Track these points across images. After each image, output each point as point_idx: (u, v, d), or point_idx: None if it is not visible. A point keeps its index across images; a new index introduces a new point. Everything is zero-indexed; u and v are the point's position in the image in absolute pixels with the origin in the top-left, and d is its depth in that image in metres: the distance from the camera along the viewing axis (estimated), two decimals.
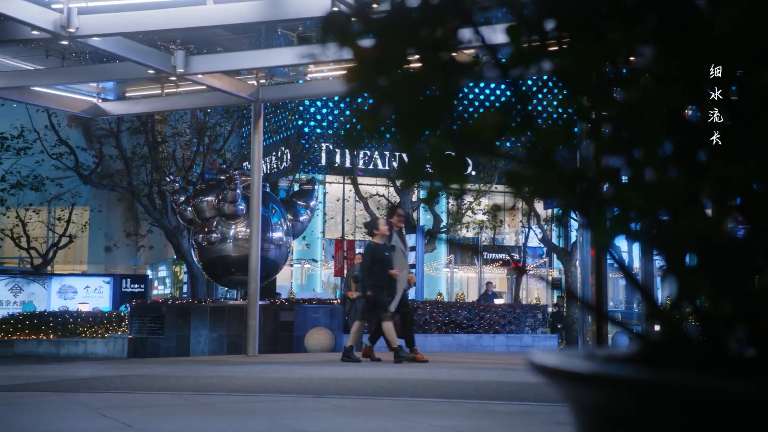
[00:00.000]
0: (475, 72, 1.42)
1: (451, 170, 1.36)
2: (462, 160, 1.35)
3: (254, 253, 13.17)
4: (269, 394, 6.44)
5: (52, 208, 37.24)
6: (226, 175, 15.31)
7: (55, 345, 19.11)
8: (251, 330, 12.86)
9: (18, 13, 9.18)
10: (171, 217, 25.53)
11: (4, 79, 12.37)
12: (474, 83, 1.47)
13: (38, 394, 6.51)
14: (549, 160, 1.33)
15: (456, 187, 1.46)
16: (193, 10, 9.62)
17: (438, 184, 1.65)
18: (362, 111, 1.42)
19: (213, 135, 27.67)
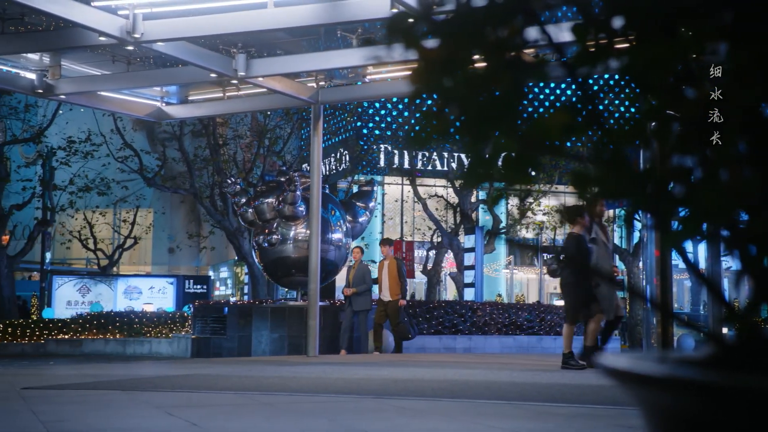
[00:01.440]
0: (541, 71, 1.40)
1: (517, 171, 1.35)
2: (528, 161, 1.34)
3: (314, 254, 13.26)
4: (330, 394, 6.48)
5: (117, 210, 38.10)
6: (286, 176, 15.43)
7: (121, 344, 19.52)
8: (311, 330, 12.95)
9: (86, 20, 9.42)
10: (232, 219, 25.87)
11: (73, 84, 12.70)
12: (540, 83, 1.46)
13: (107, 393, 6.66)
14: (618, 159, 1.31)
15: (521, 187, 1.44)
16: (255, 14, 9.74)
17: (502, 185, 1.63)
18: (428, 112, 1.42)
19: (273, 137, 27.96)
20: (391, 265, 14.06)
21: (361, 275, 14.12)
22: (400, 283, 13.96)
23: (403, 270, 14.20)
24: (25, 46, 10.96)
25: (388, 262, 14.12)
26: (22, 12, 9.94)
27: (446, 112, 1.48)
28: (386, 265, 14.14)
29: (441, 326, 16.28)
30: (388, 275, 13.95)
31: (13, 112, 30.28)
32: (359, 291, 14.00)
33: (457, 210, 29.06)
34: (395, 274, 13.93)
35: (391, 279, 13.92)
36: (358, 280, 14.02)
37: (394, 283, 13.93)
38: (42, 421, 4.89)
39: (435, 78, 1.48)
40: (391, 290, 13.95)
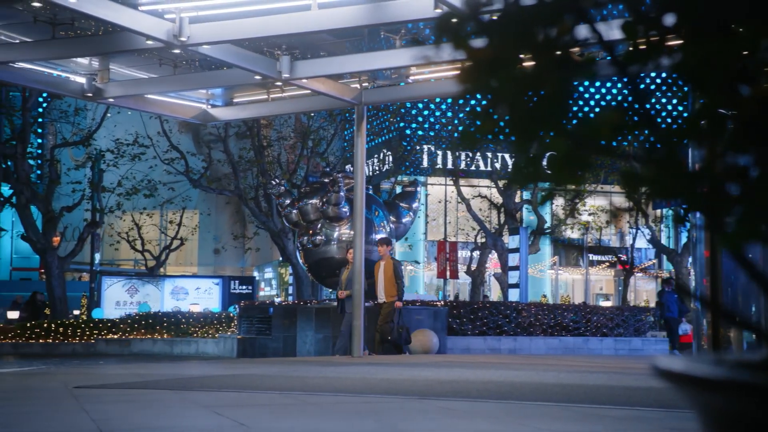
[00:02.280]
0: (590, 70, 1.39)
1: (567, 171, 1.34)
2: (578, 161, 1.33)
3: (358, 254, 13.29)
4: (375, 394, 6.49)
5: (164, 211, 38.60)
6: (330, 177, 15.49)
7: (168, 344, 19.78)
8: (356, 331, 12.98)
9: (134, 24, 9.57)
10: (276, 220, 26.05)
11: (121, 87, 12.90)
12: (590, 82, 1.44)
13: (156, 392, 6.75)
14: (670, 159, 1.29)
15: (571, 188, 1.43)
16: (299, 16, 9.80)
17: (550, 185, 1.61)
18: (476, 112, 1.41)
19: (316, 138, 28.10)
20: (387, 265, 13.55)
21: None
22: (396, 284, 13.42)
23: (400, 270, 13.67)
24: (75, 50, 11.17)
25: (384, 263, 13.59)
26: (72, 17, 10.13)
27: (494, 112, 1.47)
28: (382, 266, 13.61)
29: (485, 327, 16.21)
30: (384, 276, 13.46)
31: (64, 116, 30.86)
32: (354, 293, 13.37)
33: (501, 210, 28.91)
34: (391, 274, 13.42)
35: (387, 280, 13.43)
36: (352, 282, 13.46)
37: (390, 284, 13.42)
38: (93, 419, 4.98)
39: (483, 78, 1.47)
40: (385, 291, 13.46)
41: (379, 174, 39.57)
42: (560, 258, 42.80)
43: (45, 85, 13.32)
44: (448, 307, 16.10)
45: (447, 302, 17.28)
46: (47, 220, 26.19)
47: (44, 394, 6.62)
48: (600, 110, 1.37)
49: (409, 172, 37.60)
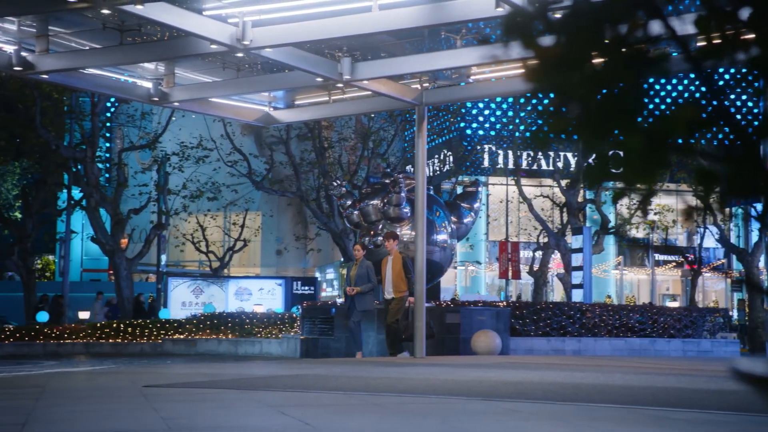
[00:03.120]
0: (664, 66, 1.36)
1: (643, 170, 1.32)
2: (655, 159, 1.30)
3: (419, 255, 13.28)
4: (439, 395, 6.47)
5: (227, 213, 39.15)
6: (391, 178, 15.51)
7: (233, 344, 20.06)
8: (418, 332, 12.97)
9: (199, 29, 9.74)
10: (338, 221, 26.20)
11: (186, 92, 13.13)
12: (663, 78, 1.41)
13: (222, 391, 6.85)
14: (750, 156, 1.25)
15: (644, 187, 1.40)
16: (360, 18, 9.84)
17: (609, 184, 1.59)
18: (548, 111, 1.40)
19: (377, 139, 28.18)
20: (395, 260, 13.06)
21: (364, 273, 13.11)
22: (406, 279, 12.95)
23: (410, 265, 13.13)
24: (142, 56, 11.41)
25: (392, 258, 13.11)
26: (139, 23, 10.36)
27: (564, 110, 1.46)
28: (389, 261, 13.13)
29: (549, 328, 16.04)
30: (392, 271, 12.99)
31: (131, 120, 31.58)
32: (364, 290, 13.00)
33: (564, 210, 28.58)
34: (400, 269, 12.94)
35: (395, 275, 12.95)
36: (361, 278, 13.05)
37: (399, 279, 12.94)
38: (163, 418, 5.07)
39: (552, 76, 1.46)
40: (394, 287, 12.99)
41: (440, 174, 39.48)
42: (625, 258, 42.12)
43: (113, 90, 13.63)
44: (510, 308, 15.97)
45: (509, 303, 17.15)
46: (115, 222, 26.80)
47: (115, 393, 6.78)
48: (673, 107, 1.34)
49: (469, 172, 37.45)
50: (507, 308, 15.83)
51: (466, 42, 11.70)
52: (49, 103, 26.72)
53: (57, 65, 11.16)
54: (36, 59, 10.93)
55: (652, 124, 1.37)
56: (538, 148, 2.93)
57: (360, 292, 12.97)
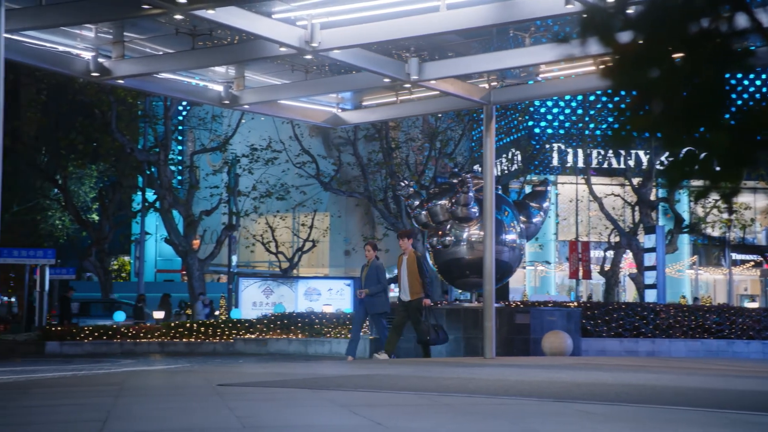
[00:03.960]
0: (749, 61, 1.32)
1: (730, 168, 1.28)
2: (743, 157, 1.26)
3: (488, 255, 13.19)
4: (510, 396, 6.42)
5: (296, 214, 39.58)
6: (459, 178, 15.45)
7: (303, 344, 20.24)
8: (488, 332, 12.88)
9: (268, 32, 9.86)
10: (405, 221, 26.21)
11: (255, 94, 13.31)
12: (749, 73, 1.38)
13: (294, 391, 6.93)
14: None
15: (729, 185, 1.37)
16: (427, 18, 9.83)
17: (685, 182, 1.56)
18: (631, 109, 1.37)
19: (444, 139, 28.11)
20: (410, 260, 12.49)
21: (374, 274, 12.62)
22: (421, 280, 12.42)
23: (425, 265, 12.70)
24: (214, 59, 11.61)
25: (407, 257, 12.54)
26: (210, 28, 10.54)
27: (648, 108, 1.43)
28: (404, 261, 12.56)
29: (621, 329, 15.76)
30: (407, 272, 12.43)
31: (202, 123, 32.18)
32: (372, 292, 12.53)
33: (636, 208, 28.06)
34: (415, 269, 12.41)
35: (411, 276, 12.41)
36: (372, 280, 12.56)
37: (414, 280, 12.40)
38: (238, 417, 5.16)
39: (632, 73, 1.43)
40: (411, 289, 12.45)
41: (508, 174, 39.19)
42: (700, 257, 41.13)
43: (185, 93, 13.89)
44: (581, 308, 15.75)
45: (580, 303, 16.91)
46: (188, 223, 27.34)
47: (190, 391, 6.91)
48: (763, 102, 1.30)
49: (538, 171, 37.07)
50: (578, 308, 15.62)
51: (534, 40, 11.58)
52: (124, 108, 27.42)
53: (132, 70, 11.44)
54: (112, 65, 11.22)
55: (738, 120, 1.33)
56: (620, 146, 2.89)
57: (369, 294, 12.50)
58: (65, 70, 11.69)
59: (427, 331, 12.35)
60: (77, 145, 29.88)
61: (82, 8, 9.43)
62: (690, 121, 1.33)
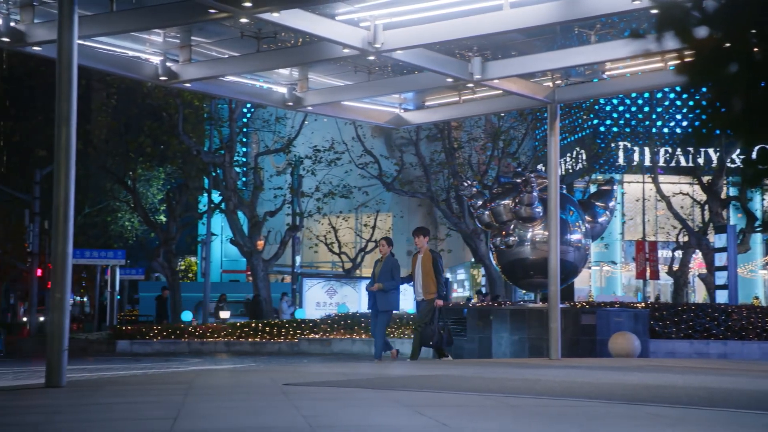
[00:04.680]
0: None
1: None
2: None
3: (553, 255, 13.04)
4: (578, 398, 6.33)
5: (359, 215, 39.75)
6: (522, 178, 15.32)
7: (367, 344, 20.33)
8: (553, 333, 12.74)
9: (332, 34, 9.93)
10: (468, 221, 26.10)
11: (319, 96, 13.40)
12: None
13: (359, 390, 6.96)
14: None
15: None
16: (491, 17, 9.76)
17: None
18: (712, 106, 1.34)
19: (507, 139, 27.90)
20: (425, 258, 12.15)
21: (388, 270, 12.20)
22: (435, 279, 12.01)
23: (440, 264, 12.24)
24: (278, 62, 11.73)
25: (422, 256, 12.20)
26: (275, 30, 10.66)
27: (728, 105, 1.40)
28: (419, 259, 12.21)
29: (691, 330, 15.43)
30: (422, 271, 12.07)
31: (266, 125, 32.57)
32: (386, 288, 12.06)
33: (705, 207, 27.43)
34: (430, 268, 12.03)
35: (426, 275, 12.05)
36: (385, 275, 12.14)
37: (429, 279, 12.02)
38: (304, 416, 5.20)
39: (710, 69, 1.40)
40: (424, 288, 12.07)
41: (573, 173, 38.68)
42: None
43: (250, 96, 14.07)
44: (649, 309, 15.46)
45: (648, 304, 16.60)
46: (252, 224, 27.68)
47: (257, 390, 7.00)
48: None
49: (603, 170, 36.50)
50: (645, 309, 15.34)
51: (599, 37, 11.40)
52: (190, 111, 27.91)
53: (199, 74, 11.63)
54: (180, 69, 11.43)
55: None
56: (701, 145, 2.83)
57: (382, 289, 12.06)
58: (135, 75, 11.95)
59: (431, 336, 11.88)
60: (145, 147, 30.52)
61: (151, 14, 9.64)
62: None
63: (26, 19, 9.71)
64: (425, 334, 11.95)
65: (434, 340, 11.96)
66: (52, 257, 7.49)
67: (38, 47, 10.00)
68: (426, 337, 11.96)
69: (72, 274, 7.66)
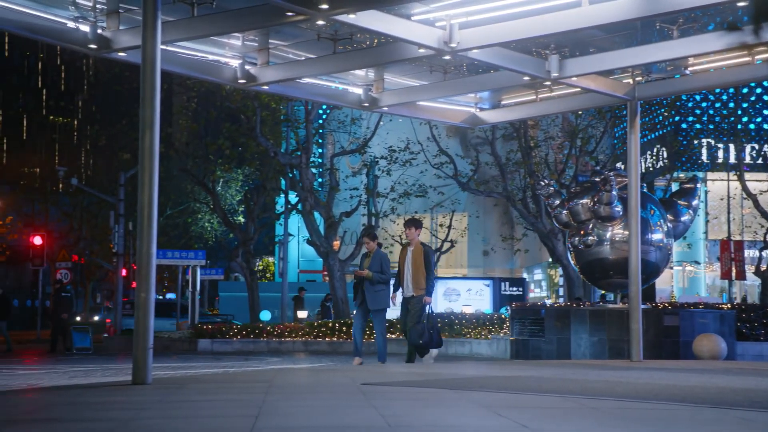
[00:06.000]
0: None
1: None
2: None
3: (634, 255, 12.80)
4: (661, 401, 6.19)
5: (434, 215, 39.66)
6: (601, 176, 15.07)
7: (443, 345, 20.28)
8: (634, 334, 12.50)
9: (408, 34, 9.95)
10: (545, 221, 25.79)
11: (394, 96, 13.44)
12: None
13: (437, 391, 6.94)
14: None
15: None
16: (568, 14, 9.62)
17: None
18: None
19: (585, 137, 27.46)
20: (416, 252, 11.32)
21: (377, 264, 11.44)
22: (426, 274, 11.20)
23: (432, 258, 11.47)
24: (354, 63, 11.81)
25: (413, 249, 11.36)
26: (351, 32, 10.73)
27: None
28: (410, 253, 11.37)
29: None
30: (412, 265, 11.25)
31: (341, 126, 32.80)
32: (375, 280, 11.32)
33: None
34: (421, 263, 11.22)
35: (416, 270, 11.23)
36: (374, 269, 11.40)
37: (420, 274, 11.21)
38: (383, 415, 5.21)
39: None
40: (415, 284, 11.23)
41: (653, 171, 37.83)
42: None
43: (326, 97, 14.21)
44: (735, 310, 15.00)
45: (734, 305, 16.12)
46: (328, 225, 27.90)
47: (336, 390, 7.05)
48: None
49: (685, 168, 35.59)
50: (731, 311, 14.90)
51: (681, 32, 11.12)
52: (267, 113, 28.30)
53: (276, 76, 11.80)
54: (258, 71, 11.62)
55: None
56: None
57: (370, 278, 11.31)
58: (215, 78, 12.19)
59: (421, 333, 11.10)
60: (224, 150, 31.09)
61: (231, 18, 9.82)
62: None
63: (112, 26, 10.00)
64: (414, 332, 11.16)
65: (424, 339, 11.17)
66: (137, 258, 7.69)
67: (123, 53, 10.29)
68: (415, 335, 11.16)
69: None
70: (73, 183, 35.78)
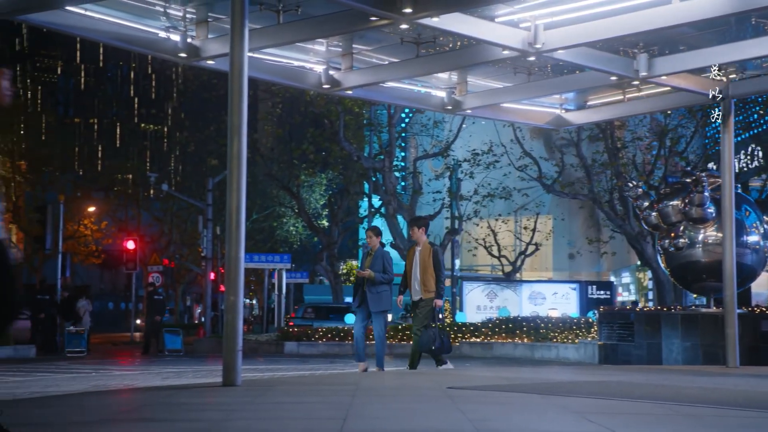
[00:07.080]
0: None
1: None
2: None
3: (728, 258, 12.40)
4: (762, 410, 5.97)
5: (518, 217, 39.29)
6: (692, 177, 14.68)
7: (529, 348, 20.03)
8: (730, 340, 12.11)
9: (491, 36, 9.87)
10: (633, 223, 25.25)
11: (477, 98, 13.35)
12: None
13: (524, 395, 6.85)
14: None
15: None
16: (658, 11, 9.38)
17: None
18: None
19: (675, 137, 26.77)
20: (423, 252, 10.63)
21: (379, 263, 10.74)
22: (435, 276, 10.54)
23: (441, 259, 10.78)
24: (437, 66, 11.78)
25: (421, 249, 10.67)
26: (434, 35, 10.71)
27: None
28: (417, 253, 10.69)
29: None
30: (420, 266, 10.59)
31: (424, 129, 32.83)
32: (377, 280, 10.60)
33: None
34: (430, 264, 10.56)
35: (424, 271, 10.56)
36: (377, 269, 10.71)
37: (428, 276, 10.55)
38: (470, 420, 5.18)
39: None
40: (423, 286, 10.56)
41: (747, 171, 36.59)
42: None
43: (409, 101, 14.21)
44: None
45: None
46: None
47: (422, 393, 7.05)
48: None
49: None
50: None
51: None
52: (350, 117, 28.54)
53: (360, 81, 11.87)
54: (342, 76, 11.72)
55: None
56: None
57: (371, 277, 10.61)
58: (300, 84, 12.34)
59: (433, 339, 10.36)
60: (308, 154, 31.49)
61: (316, 24, 9.93)
62: None
63: (201, 35, 10.24)
64: (425, 337, 10.42)
65: (436, 345, 10.43)
66: (226, 261, 7.83)
67: (212, 61, 10.52)
68: (426, 341, 10.41)
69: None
70: (164, 189, 36.78)
